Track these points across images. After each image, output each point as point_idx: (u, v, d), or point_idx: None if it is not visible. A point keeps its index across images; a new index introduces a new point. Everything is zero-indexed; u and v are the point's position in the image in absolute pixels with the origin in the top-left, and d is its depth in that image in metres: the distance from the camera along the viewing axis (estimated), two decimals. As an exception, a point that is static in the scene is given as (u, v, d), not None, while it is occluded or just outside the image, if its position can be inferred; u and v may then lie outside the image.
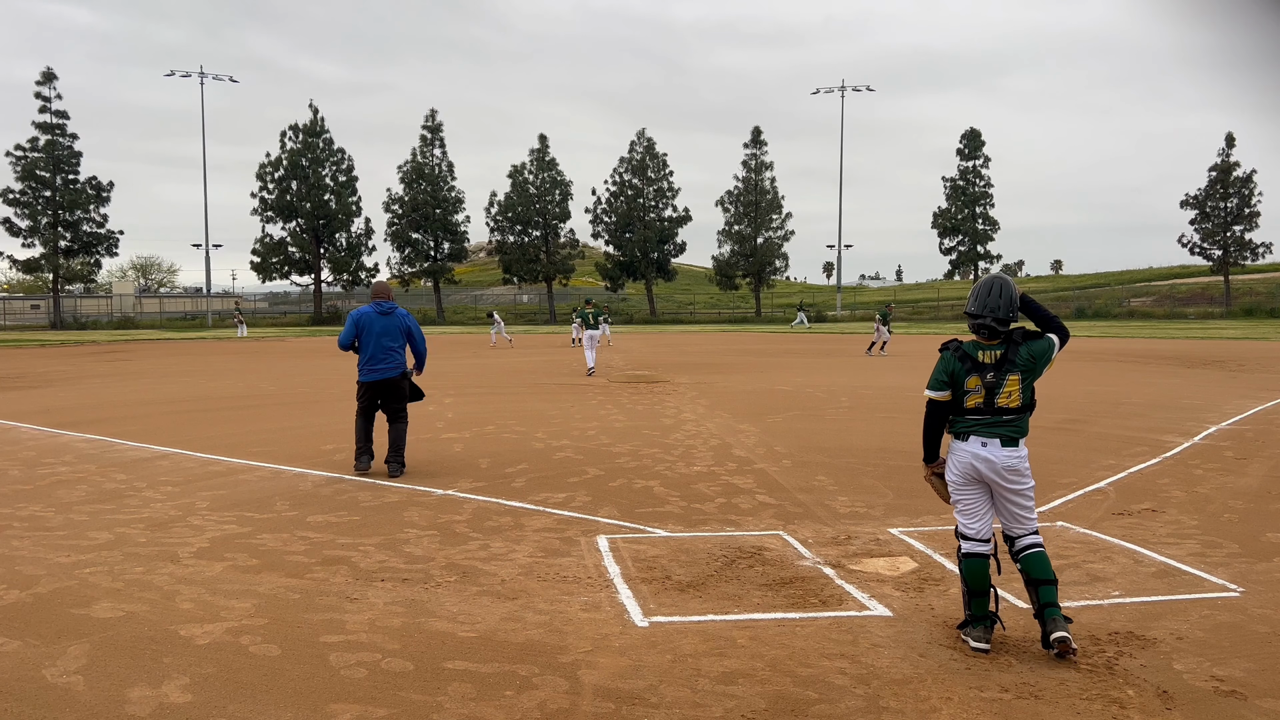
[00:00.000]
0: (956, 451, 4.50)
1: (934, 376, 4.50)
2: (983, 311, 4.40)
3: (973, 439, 4.42)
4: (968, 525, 4.49)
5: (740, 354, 28.05)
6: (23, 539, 6.39)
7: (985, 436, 4.40)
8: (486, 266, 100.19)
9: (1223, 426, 11.69)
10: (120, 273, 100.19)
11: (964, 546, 4.49)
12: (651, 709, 3.76)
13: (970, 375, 4.40)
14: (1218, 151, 63.54)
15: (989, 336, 4.42)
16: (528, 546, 6.20)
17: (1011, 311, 4.41)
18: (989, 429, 4.39)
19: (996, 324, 4.39)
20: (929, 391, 4.53)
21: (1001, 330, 4.40)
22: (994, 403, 4.38)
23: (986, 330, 4.40)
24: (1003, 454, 4.37)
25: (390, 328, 8.72)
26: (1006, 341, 4.41)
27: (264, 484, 8.32)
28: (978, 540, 4.46)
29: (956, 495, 4.53)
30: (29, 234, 55.62)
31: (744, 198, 65.98)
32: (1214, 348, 29.23)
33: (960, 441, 4.48)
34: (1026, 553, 4.42)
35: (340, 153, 62.69)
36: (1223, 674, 4.10)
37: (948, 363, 4.47)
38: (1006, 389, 4.37)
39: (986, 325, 4.40)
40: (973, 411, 4.42)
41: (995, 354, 4.40)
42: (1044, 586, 4.34)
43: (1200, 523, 6.85)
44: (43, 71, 55.12)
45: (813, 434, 11.22)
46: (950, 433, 4.55)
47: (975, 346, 4.45)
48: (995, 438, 4.39)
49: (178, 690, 3.93)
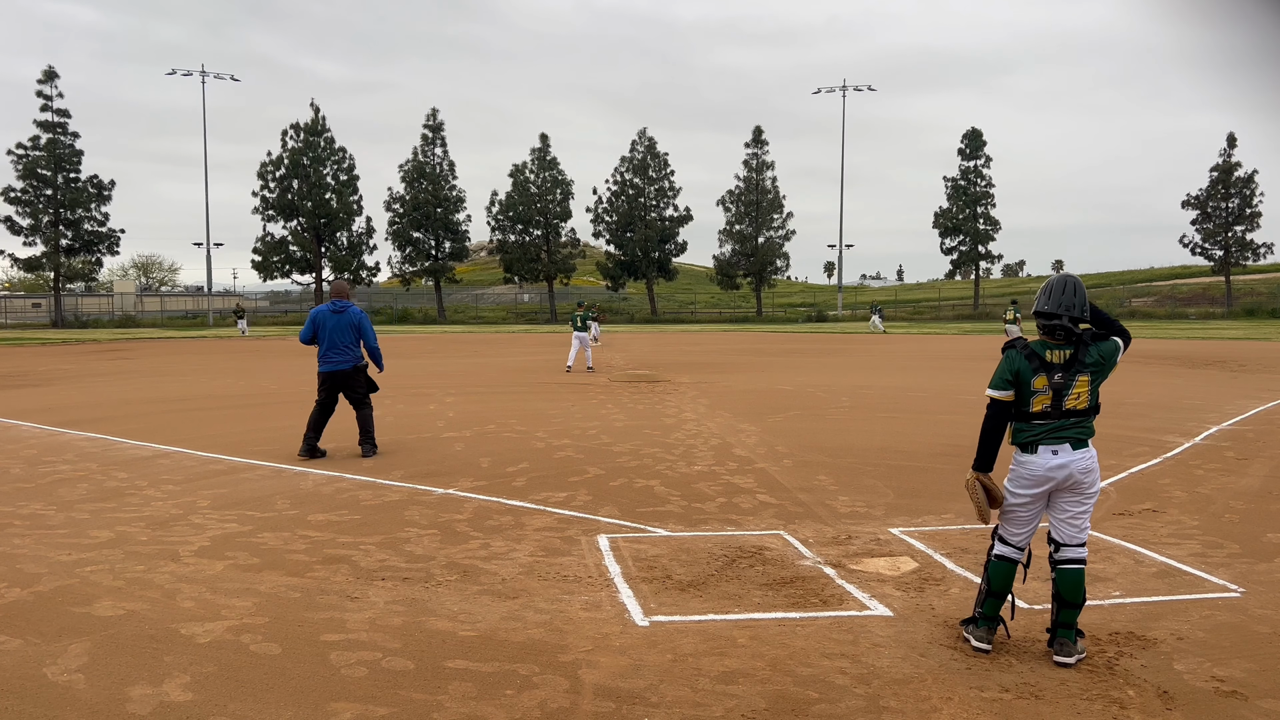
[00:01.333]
0: (1026, 465, 4.28)
1: (998, 375, 4.31)
2: (1058, 310, 4.21)
3: (1041, 450, 4.23)
4: (1013, 534, 4.38)
5: (741, 353, 28.04)
6: (24, 537, 6.40)
7: (1054, 444, 4.23)
8: (487, 266, 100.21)
9: (1224, 427, 11.69)
10: (121, 271, 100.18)
11: (998, 549, 4.41)
12: (652, 708, 3.76)
13: (1038, 375, 4.23)
14: (1219, 152, 63.48)
15: (1063, 337, 4.25)
16: (528, 546, 6.21)
17: (1084, 311, 4.24)
18: (1056, 434, 4.23)
19: (1072, 323, 4.22)
20: (991, 391, 4.34)
21: (1075, 331, 4.25)
22: (1062, 405, 4.22)
23: (1062, 331, 4.23)
24: (1076, 456, 4.23)
25: (342, 324, 9.54)
26: (1076, 342, 4.25)
27: (265, 483, 8.33)
28: (1014, 548, 4.38)
29: (1017, 508, 4.35)
30: (30, 232, 55.58)
31: (745, 197, 65.92)
32: (1215, 348, 29.21)
33: (1027, 454, 4.28)
34: (1067, 566, 4.29)
35: (341, 151, 62.66)
36: (1223, 674, 4.10)
37: (1013, 361, 4.28)
38: (1075, 390, 4.22)
39: (1062, 325, 4.22)
40: (1039, 416, 4.24)
41: (1065, 354, 4.23)
42: (1068, 609, 4.24)
43: (1201, 523, 6.85)
44: (44, 70, 55.06)
45: (814, 434, 11.22)
46: (1013, 444, 4.36)
47: (1043, 346, 4.27)
48: (1065, 442, 4.23)
49: (179, 689, 3.93)
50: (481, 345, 34.56)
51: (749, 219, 65.83)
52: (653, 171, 65.83)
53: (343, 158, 62.67)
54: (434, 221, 63.70)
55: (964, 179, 66.48)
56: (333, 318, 9.56)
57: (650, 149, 65.91)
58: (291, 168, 61.02)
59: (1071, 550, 4.30)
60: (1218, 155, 63.38)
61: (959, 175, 66.67)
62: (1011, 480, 4.37)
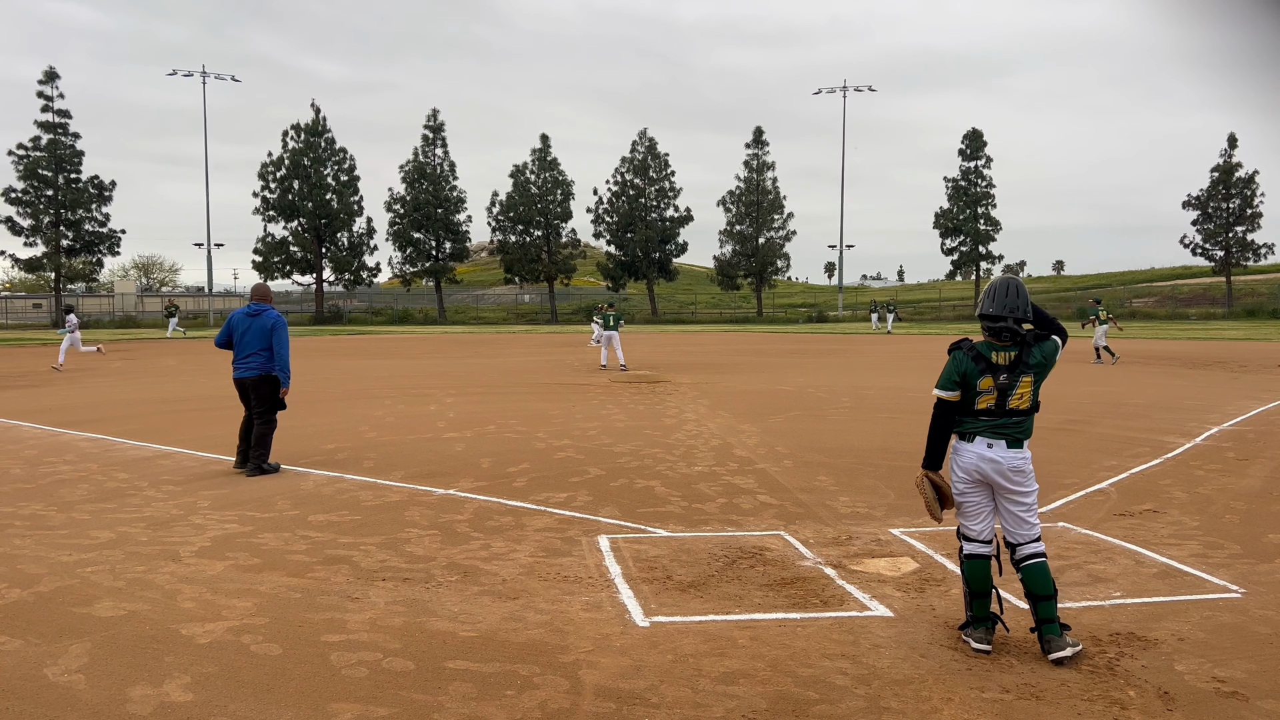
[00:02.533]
0: (962, 452, 4.44)
1: (945, 376, 4.42)
2: (1004, 313, 4.31)
3: (979, 440, 4.37)
4: (969, 527, 4.47)
5: (742, 354, 28.04)
6: (24, 538, 6.40)
7: (991, 437, 4.35)
8: (488, 266, 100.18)
9: (1224, 427, 11.68)
10: (122, 272, 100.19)
11: (965, 548, 4.48)
12: (652, 709, 3.76)
13: (984, 376, 4.32)
14: (1220, 152, 63.43)
15: (1010, 339, 4.33)
16: (529, 546, 6.21)
17: (1028, 312, 4.33)
18: (996, 430, 4.34)
19: (1016, 324, 4.31)
20: (939, 391, 4.45)
21: (1020, 332, 4.33)
22: (1006, 405, 4.32)
23: (1008, 333, 4.32)
24: (1008, 455, 4.33)
25: (254, 329, 8.83)
26: (1020, 343, 4.34)
27: (265, 483, 8.33)
28: (979, 541, 4.44)
29: (960, 497, 4.48)
30: (31, 233, 55.59)
31: (746, 198, 65.92)
32: (1216, 349, 29.20)
33: (965, 442, 4.43)
34: (1027, 563, 4.37)
35: (342, 152, 62.69)
36: (1224, 675, 4.10)
37: (960, 362, 4.38)
38: (1019, 390, 4.31)
39: (1008, 327, 4.31)
40: (984, 413, 4.35)
41: (1009, 355, 4.33)
42: (1042, 602, 4.29)
43: (1202, 524, 6.85)
44: (45, 70, 55.09)
45: (814, 434, 11.22)
46: (955, 433, 4.49)
47: (989, 347, 4.38)
48: (1001, 439, 4.34)
49: (179, 689, 3.93)
50: (482, 346, 34.57)
51: (749, 219, 65.83)
52: (653, 172, 65.84)
53: (343, 158, 62.70)
54: (434, 222, 63.71)
55: (964, 179, 66.45)
56: (246, 321, 8.88)
57: (651, 149, 65.92)
58: (292, 168, 61.04)
59: (1026, 547, 4.40)
60: (1218, 156, 63.38)
61: (959, 176, 66.64)
62: (952, 467, 4.49)
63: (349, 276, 63.35)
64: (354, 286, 65.84)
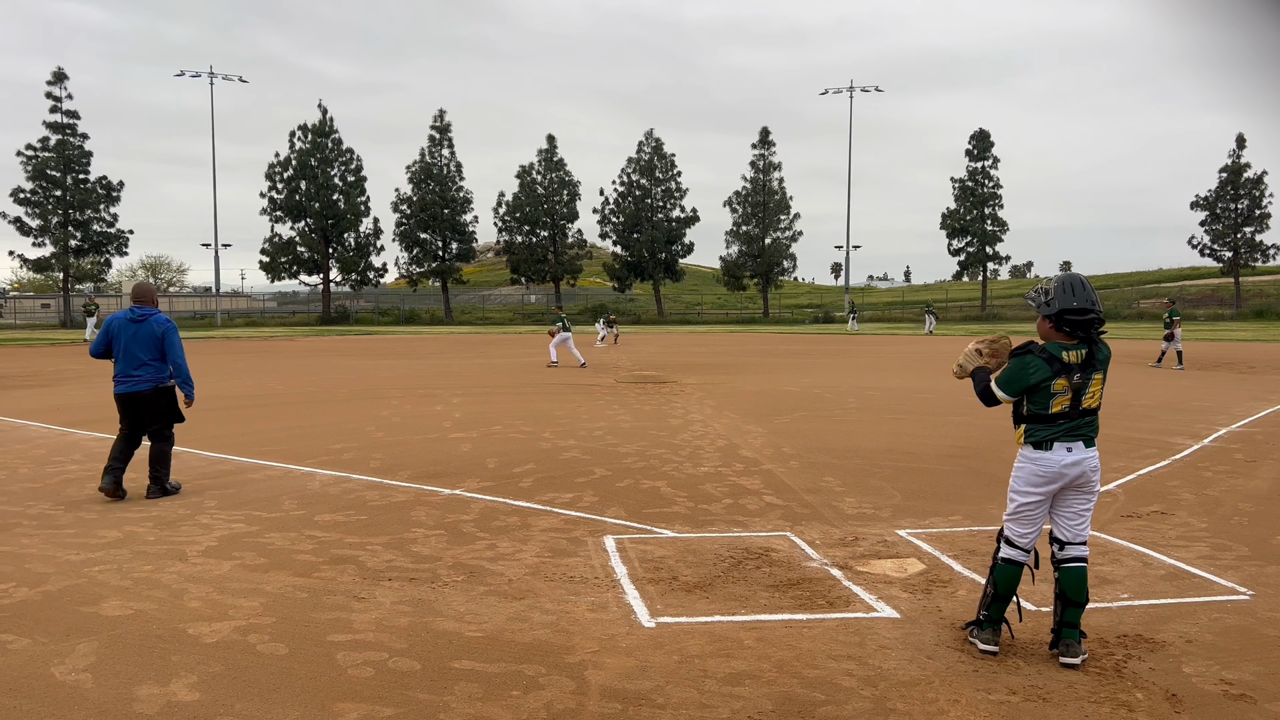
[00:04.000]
0: (1039, 461, 4.24)
1: (1015, 380, 4.24)
2: (1091, 305, 4.17)
3: (1057, 446, 4.20)
4: (1020, 532, 4.35)
5: (748, 354, 28.01)
6: (32, 537, 6.43)
7: (1069, 440, 4.21)
8: (494, 266, 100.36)
9: (1232, 429, 11.64)
10: (130, 272, 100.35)
11: (1005, 552, 4.38)
12: (658, 709, 3.76)
13: (1058, 377, 4.17)
14: (1228, 153, 63.13)
15: (1082, 335, 4.19)
16: (535, 546, 6.21)
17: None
18: (1072, 433, 4.21)
19: (1101, 317, 4.19)
20: (1001, 392, 4.30)
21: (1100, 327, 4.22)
22: (1080, 404, 4.20)
23: (1085, 328, 4.18)
24: (1088, 455, 4.23)
25: (141, 336, 7.72)
26: (1088, 340, 4.21)
27: (272, 483, 8.35)
28: (1021, 549, 4.35)
29: (1024, 504, 4.31)
30: (40, 233, 55.78)
31: (752, 198, 65.86)
32: (1224, 349, 29.08)
33: (1042, 451, 4.23)
34: (1071, 564, 4.29)
35: (349, 153, 62.78)
36: (1232, 677, 4.08)
37: (1033, 366, 4.18)
38: (1091, 389, 4.20)
39: (1099, 318, 4.18)
40: (1059, 416, 4.20)
41: (1080, 354, 4.19)
42: (1071, 608, 4.24)
43: (1210, 525, 6.82)
44: (53, 71, 55.19)
45: (820, 435, 11.20)
46: (1028, 441, 4.30)
47: (1059, 347, 4.21)
48: (1078, 439, 4.22)
49: (185, 688, 3.94)
50: (488, 346, 34.59)
51: (756, 220, 65.76)
52: (660, 172, 65.82)
53: (350, 159, 62.78)
54: (441, 222, 63.79)
55: (971, 180, 66.27)
56: (129, 327, 7.73)
57: (657, 150, 65.90)
58: (299, 169, 61.14)
59: (1075, 549, 4.31)
60: (1227, 156, 63.09)
61: (966, 176, 66.46)
62: (1022, 478, 4.32)
63: (356, 277, 63.45)
64: (361, 287, 65.96)
